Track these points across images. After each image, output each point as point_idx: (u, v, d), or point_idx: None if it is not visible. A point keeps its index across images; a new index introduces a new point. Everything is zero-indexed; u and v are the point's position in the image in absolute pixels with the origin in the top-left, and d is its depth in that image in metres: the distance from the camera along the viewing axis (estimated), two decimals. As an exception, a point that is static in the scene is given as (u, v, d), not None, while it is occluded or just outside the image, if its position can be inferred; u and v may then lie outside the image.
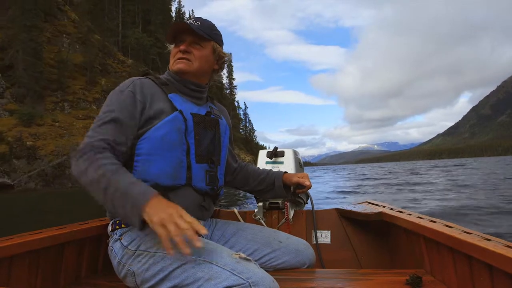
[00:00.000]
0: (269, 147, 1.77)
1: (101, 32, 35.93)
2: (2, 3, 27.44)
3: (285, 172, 1.44)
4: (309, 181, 1.39)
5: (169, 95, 1.13)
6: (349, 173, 32.42)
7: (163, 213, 0.84)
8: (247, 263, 0.88)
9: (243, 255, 0.91)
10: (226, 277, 0.83)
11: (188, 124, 1.11)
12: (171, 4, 65.45)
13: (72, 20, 34.92)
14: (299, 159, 1.93)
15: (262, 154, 1.92)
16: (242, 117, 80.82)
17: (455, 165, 36.60)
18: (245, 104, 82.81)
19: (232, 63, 75.85)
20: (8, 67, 26.38)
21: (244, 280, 0.82)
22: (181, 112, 1.10)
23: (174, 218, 0.83)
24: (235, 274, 0.83)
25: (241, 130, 77.34)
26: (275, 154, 1.85)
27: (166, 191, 1.05)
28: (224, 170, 1.28)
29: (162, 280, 0.90)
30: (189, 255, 0.84)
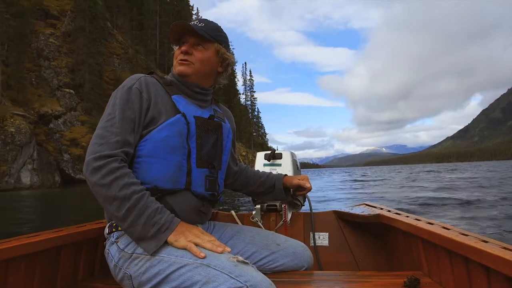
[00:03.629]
0: (277, 149, 2.03)
1: (145, 53, 42.33)
2: (71, 33, 33.94)
3: (285, 175, 1.44)
4: (310, 183, 1.39)
5: (173, 97, 1.11)
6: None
7: (188, 233, 0.94)
8: (245, 266, 0.87)
9: (240, 258, 0.90)
10: (224, 281, 0.82)
11: (191, 127, 1.08)
12: (192, 18, 71.65)
13: (120, 42, 41.30)
14: (296, 161, 1.94)
15: (260, 156, 1.90)
16: (255, 120, 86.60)
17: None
18: (258, 109, 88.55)
19: (253, 78, 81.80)
20: (78, 85, 32.82)
21: (241, 283, 0.82)
22: (184, 115, 1.08)
23: (199, 235, 0.94)
24: (232, 278, 0.83)
25: (255, 134, 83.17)
26: (273, 156, 1.85)
27: (165, 195, 1.04)
28: (224, 175, 1.27)
29: (159, 283, 0.90)
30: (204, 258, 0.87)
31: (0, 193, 21.58)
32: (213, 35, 1.16)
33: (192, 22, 1.15)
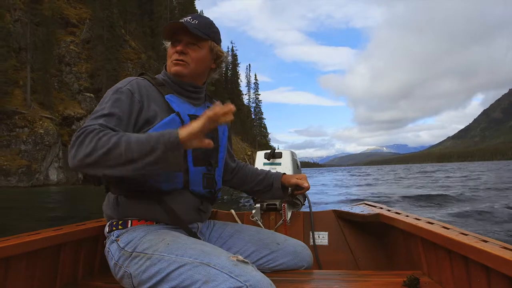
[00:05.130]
0: (278, 148, 1.95)
1: (157, 58, 44.89)
2: (90, 40, 36.46)
3: (284, 174, 1.44)
4: (308, 183, 1.39)
5: (166, 96, 1.11)
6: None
7: (195, 122, 0.86)
8: (245, 266, 0.87)
9: (240, 257, 0.90)
10: (224, 280, 0.82)
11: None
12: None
13: (133, 48, 43.75)
14: (296, 160, 1.95)
15: (260, 156, 1.90)
16: (258, 121, 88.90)
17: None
18: (262, 112, 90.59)
19: (258, 81, 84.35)
20: (97, 89, 35.28)
21: (241, 283, 0.82)
22: (178, 114, 1.08)
23: (207, 114, 0.86)
24: (232, 277, 0.83)
25: (257, 134, 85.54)
26: (272, 155, 1.85)
27: (163, 195, 1.05)
28: (222, 172, 1.26)
29: (159, 282, 0.90)
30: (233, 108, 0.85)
31: (32, 188, 24.13)
32: (207, 33, 1.15)
33: (185, 19, 1.14)
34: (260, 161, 1.89)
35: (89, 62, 36.42)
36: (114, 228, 1.08)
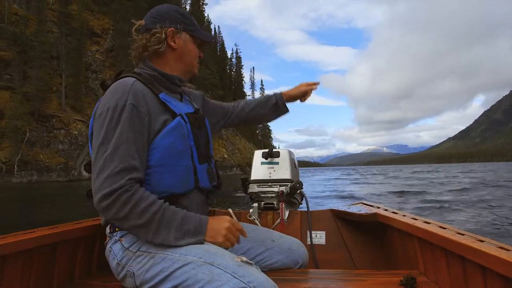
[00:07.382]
0: (278, 147, 1.90)
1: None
2: (114, 49, 40.15)
3: (282, 92, 1.49)
4: (308, 89, 1.48)
5: (160, 96, 1.07)
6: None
7: (223, 231, 0.98)
8: (249, 267, 0.88)
9: (244, 258, 0.91)
10: (227, 280, 0.83)
11: (187, 127, 1.09)
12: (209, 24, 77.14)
13: (149, 55, 47.42)
14: (294, 159, 1.94)
15: (258, 155, 1.89)
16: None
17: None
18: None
19: (263, 86, 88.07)
20: (120, 95, 38.99)
21: (245, 283, 0.82)
22: (181, 116, 1.08)
23: (231, 231, 1.00)
24: (236, 277, 0.83)
25: (260, 134, 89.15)
26: (270, 154, 1.84)
27: (177, 198, 1.05)
28: (213, 162, 1.25)
29: (162, 280, 0.90)
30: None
31: (69, 183, 27.87)
32: None
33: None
34: (258, 160, 1.88)
35: (112, 69, 40.11)
36: (117, 229, 1.04)
